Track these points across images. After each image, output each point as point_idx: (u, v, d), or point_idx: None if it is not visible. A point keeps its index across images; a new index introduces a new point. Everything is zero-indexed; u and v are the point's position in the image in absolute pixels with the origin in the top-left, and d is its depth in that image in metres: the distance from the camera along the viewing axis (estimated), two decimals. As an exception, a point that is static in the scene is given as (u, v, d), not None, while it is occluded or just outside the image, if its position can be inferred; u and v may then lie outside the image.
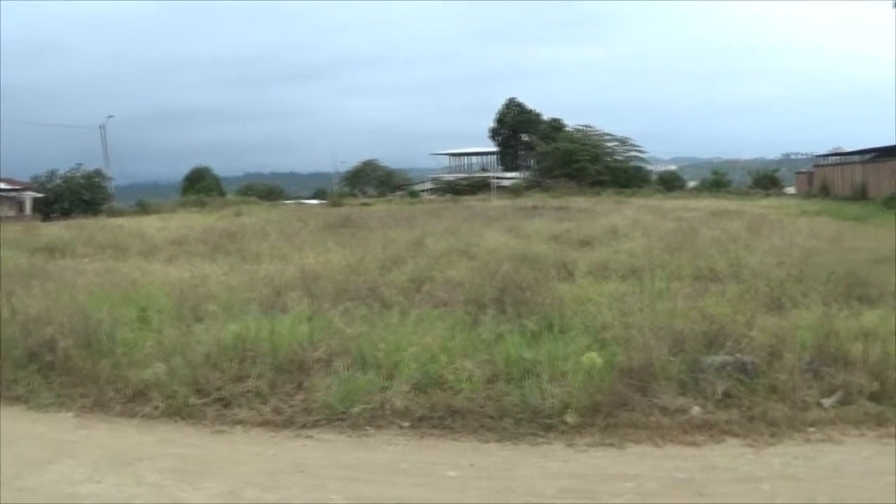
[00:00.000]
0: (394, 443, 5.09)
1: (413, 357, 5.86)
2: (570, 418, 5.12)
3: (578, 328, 6.65)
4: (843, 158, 49.78)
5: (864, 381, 5.42)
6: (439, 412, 5.30)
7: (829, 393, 5.45)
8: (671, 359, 5.65)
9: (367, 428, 5.26)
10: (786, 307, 7.64)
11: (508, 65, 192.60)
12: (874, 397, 5.32)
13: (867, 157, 45.47)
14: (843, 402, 5.33)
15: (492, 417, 5.23)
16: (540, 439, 5.01)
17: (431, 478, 4.54)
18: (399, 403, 5.38)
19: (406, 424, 5.28)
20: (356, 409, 5.36)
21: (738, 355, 5.79)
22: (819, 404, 5.34)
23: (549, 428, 5.09)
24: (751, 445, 4.85)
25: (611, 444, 4.90)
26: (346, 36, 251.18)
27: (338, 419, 5.37)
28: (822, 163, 54.84)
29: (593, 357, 5.68)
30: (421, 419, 5.28)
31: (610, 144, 64.24)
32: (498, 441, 5.02)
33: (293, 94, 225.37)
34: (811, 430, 5.03)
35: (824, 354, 5.83)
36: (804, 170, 59.87)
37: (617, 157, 63.26)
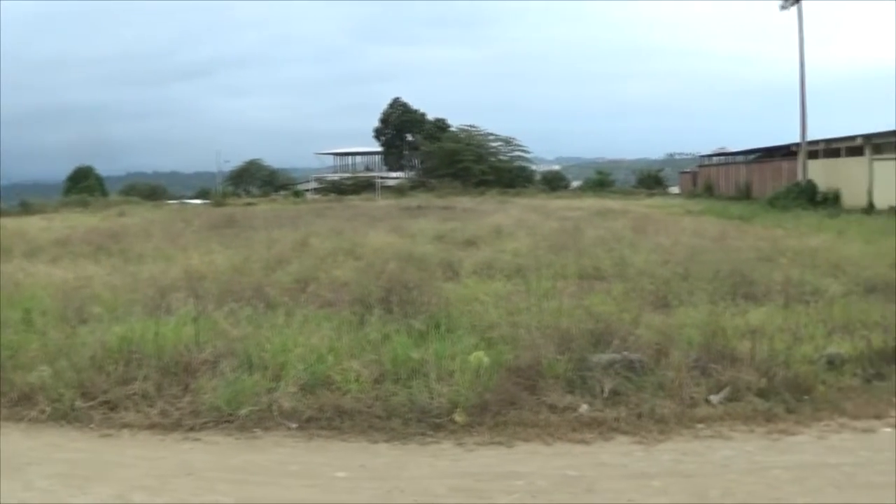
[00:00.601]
0: (282, 444, 7.71)
1: (300, 358, 8.84)
2: (458, 417, 7.98)
3: (465, 327, 10.40)
4: (727, 158, 79.10)
5: (752, 377, 8.67)
6: (327, 413, 8.11)
7: (717, 390, 8.57)
8: (558, 357, 8.84)
9: (256, 430, 7.95)
10: (672, 305, 12.15)
11: (393, 64, 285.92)
12: (762, 393, 8.54)
13: (751, 156, 70.01)
14: (732, 399, 8.46)
15: (380, 417, 8.06)
16: (429, 439, 7.77)
17: (321, 479, 6.94)
18: (287, 405, 8.18)
19: (294, 426, 7.98)
20: (244, 411, 8.09)
21: (626, 353, 9.02)
22: (707, 401, 8.42)
23: (438, 427, 7.92)
24: (640, 442, 7.67)
25: (500, 443, 7.66)
26: (229, 35, 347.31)
27: (225, 421, 8.03)
28: (706, 163, 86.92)
29: (481, 356, 8.82)
30: (309, 420, 8.04)
31: (494, 144, 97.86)
32: (387, 441, 7.74)
33: (176, 94, 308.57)
34: (700, 426, 8.01)
35: (711, 352, 9.13)
36: (688, 169, 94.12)
37: (501, 157, 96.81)
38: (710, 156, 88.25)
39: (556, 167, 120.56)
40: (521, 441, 7.75)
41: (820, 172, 52.69)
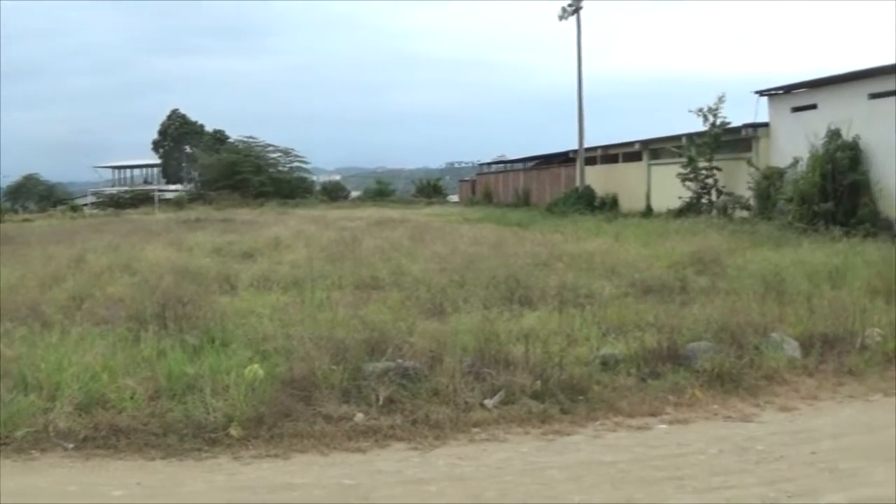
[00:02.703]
0: (59, 465, 7.68)
1: (74, 377, 8.81)
2: (234, 431, 8.17)
3: (241, 341, 10.64)
4: (507, 166, 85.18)
5: (526, 380, 9.16)
6: (103, 432, 8.13)
7: (492, 394, 9.01)
8: (333, 367, 9.16)
9: (32, 451, 7.91)
10: (448, 312, 12.70)
11: (174, 75, 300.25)
12: (536, 395, 9.05)
13: (530, 164, 74.18)
14: (506, 402, 8.92)
15: (156, 434, 8.14)
16: (205, 454, 7.92)
17: (98, 499, 6.97)
18: (62, 425, 8.17)
19: (70, 446, 7.97)
20: (20, 433, 8.06)
21: (400, 361, 9.42)
22: (482, 405, 8.86)
23: (214, 442, 8.08)
24: (416, 448, 8.04)
25: (276, 455, 7.89)
26: (5, 46, 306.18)
27: (2, 444, 7.94)
28: (485, 171, 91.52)
29: (255, 369, 9.08)
30: (86, 440, 8.04)
31: (273, 155, 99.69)
32: (163, 458, 7.83)
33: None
34: (475, 430, 8.44)
35: (486, 357, 9.60)
36: (468, 178, 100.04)
37: (281, 168, 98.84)
38: (489, 164, 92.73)
39: (337, 177, 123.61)
40: (298, 452, 8.00)
41: (598, 178, 55.34)
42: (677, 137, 43.13)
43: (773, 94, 37.83)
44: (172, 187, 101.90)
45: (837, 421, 9.19)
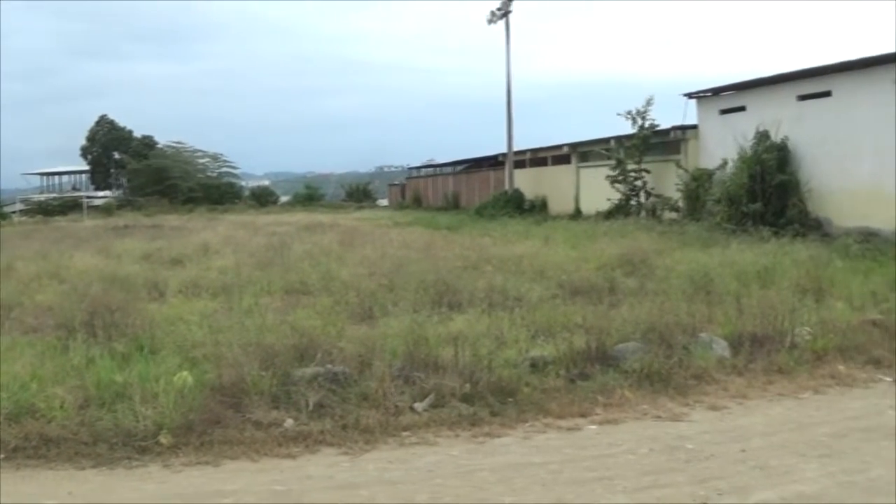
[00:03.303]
0: None
1: (3, 386, 8.79)
2: (164, 439, 8.15)
3: (170, 348, 10.77)
4: (436, 170, 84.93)
5: (456, 383, 9.25)
6: (33, 441, 8.09)
7: (422, 397, 9.09)
8: (263, 373, 9.20)
9: None
10: (377, 317, 12.87)
11: (103, 80, 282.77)
12: (466, 398, 9.15)
13: (459, 167, 75.16)
14: (436, 405, 9.01)
15: (86, 443, 8.09)
16: (136, 462, 7.92)
17: None
18: None
19: (1, 456, 7.92)
20: None
21: (330, 366, 9.49)
22: (412, 409, 8.93)
23: (144, 450, 8.07)
24: (346, 453, 8.11)
25: (207, 462, 7.91)
26: None
27: None
28: (414, 175, 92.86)
29: (185, 376, 9.08)
30: (15, 450, 8.00)
31: (202, 161, 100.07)
32: (94, 467, 7.82)
33: None
34: (405, 434, 8.51)
35: (415, 360, 9.68)
36: (397, 182, 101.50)
37: (210, 174, 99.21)
38: (418, 168, 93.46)
39: (266, 182, 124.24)
40: (228, 459, 8.03)
41: (527, 181, 55.82)
42: (606, 140, 43.52)
43: (701, 96, 38.31)
44: (101, 194, 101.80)
45: (767, 419, 9.39)
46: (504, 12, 57.18)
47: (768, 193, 29.66)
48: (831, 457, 8.08)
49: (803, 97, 31.37)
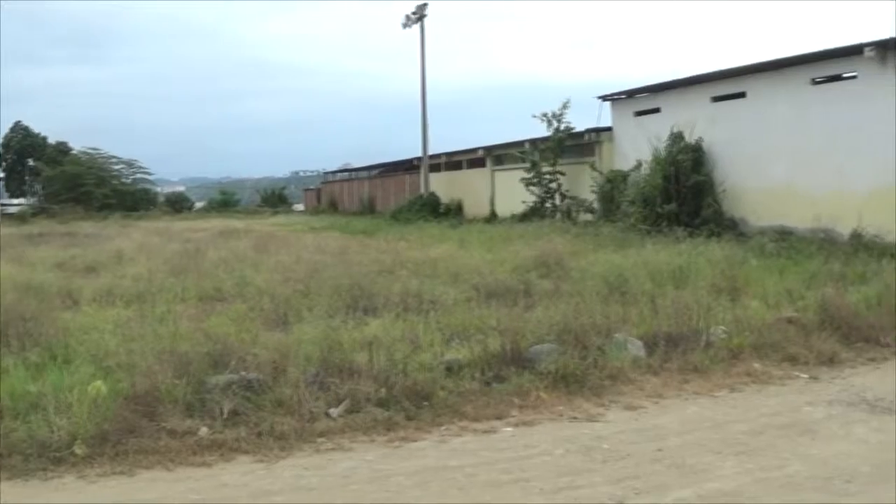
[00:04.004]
0: None
1: None
2: (79, 449, 8.06)
3: (83, 357, 10.59)
4: (352, 174, 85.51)
5: (371, 388, 9.30)
6: None
7: (337, 403, 9.10)
8: (176, 382, 9.12)
9: None
10: (291, 322, 12.80)
11: (17, 86, 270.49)
12: (381, 403, 9.19)
13: (374, 172, 76.50)
14: (351, 411, 9.03)
15: (1, 455, 7.96)
16: (51, 473, 7.83)
17: None
18: None
19: None
20: None
21: (244, 373, 9.45)
22: (327, 414, 8.94)
23: (59, 461, 7.97)
24: (261, 461, 8.10)
25: (122, 472, 7.85)
26: None
27: None
28: (330, 179, 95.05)
29: (99, 386, 8.95)
30: None
31: (117, 167, 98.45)
32: (9, 479, 7.70)
33: None
34: (321, 440, 8.53)
35: (330, 366, 9.69)
36: (313, 186, 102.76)
37: (124, 180, 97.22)
38: (334, 172, 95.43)
39: (181, 188, 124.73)
40: (143, 469, 8.00)
41: (443, 184, 56.42)
42: (521, 143, 43.92)
43: (615, 98, 38.81)
44: (16, 201, 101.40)
45: (683, 417, 9.55)
46: (419, 16, 57.66)
47: (683, 194, 30.14)
48: (748, 454, 8.24)
49: (718, 98, 31.94)
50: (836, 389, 10.69)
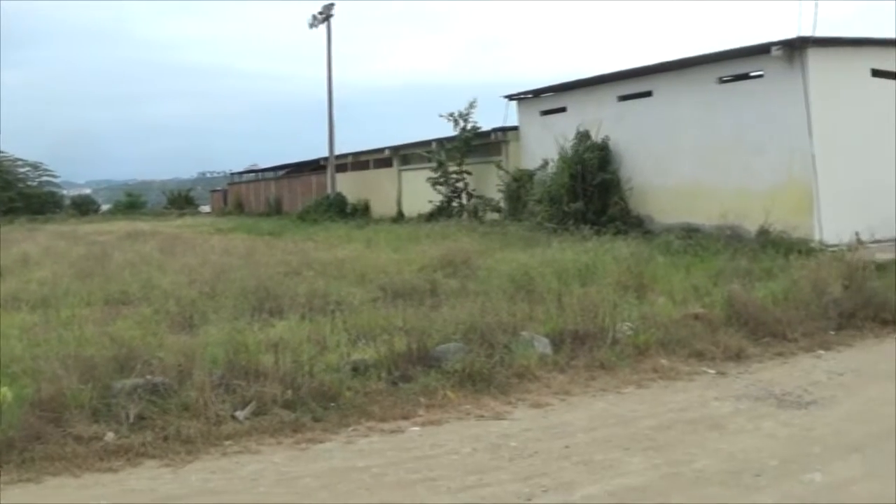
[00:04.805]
0: None
1: None
2: None
3: None
4: (258, 175, 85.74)
5: (277, 390, 9.31)
6: None
7: (243, 405, 9.11)
8: (82, 387, 9.06)
9: None
10: (197, 325, 12.77)
11: None
12: (288, 405, 9.22)
13: (281, 172, 76.08)
14: (258, 413, 9.05)
15: None
16: None
17: None
18: None
19: None
20: None
21: (149, 377, 9.40)
22: (234, 417, 8.94)
23: None
24: (168, 465, 8.09)
25: (29, 480, 7.78)
26: None
27: None
28: (236, 180, 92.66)
29: (3, 392, 8.91)
30: None
31: (23, 170, 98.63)
32: None
33: None
34: (228, 443, 8.54)
35: (236, 368, 9.67)
36: (219, 188, 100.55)
37: (30, 183, 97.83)
38: (240, 173, 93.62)
39: (88, 191, 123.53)
40: (50, 476, 7.95)
41: (350, 185, 56.29)
42: (428, 143, 43.97)
43: (522, 98, 38.97)
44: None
45: (590, 414, 9.70)
46: (325, 16, 57.49)
47: (590, 192, 30.38)
48: (655, 449, 8.40)
49: (624, 97, 32.26)
50: (743, 384, 10.95)
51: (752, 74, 27.73)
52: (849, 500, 7.15)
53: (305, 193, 63.78)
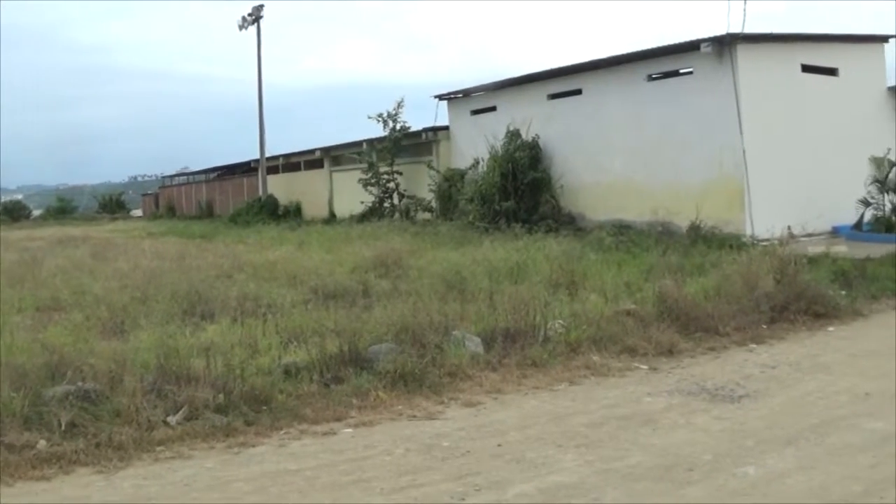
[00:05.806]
0: None
1: None
2: None
3: None
4: (190, 178, 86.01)
5: (209, 394, 9.27)
6: None
7: (175, 410, 9.04)
8: (13, 395, 8.97)
9: None
10: (128, 330, 12.72)
11: None
12: (220, 409, 9.18)
13: (212, 175, 76.24)
14: (190, 418, 8.98)
15: None
16: None
17: None
18: None
19: None
20: None
21: (81, 384, 9.32)
22: (166, 422, 8.88)
23: None
24: (101, 472, 8.02)
25: None
26: None
27: None
28: (168, 183, 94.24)
29: None
30: None
31: None
32: None
33: None
34: (160, 448, 8.49)
35: (167, 373, 9.61)
36: (151, 192, 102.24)
37: None
38: (172, 176, 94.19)
39: (19, 196, 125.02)
40: None
41: (281, 186, 56.30)
42: (358, 143, 44.07)
43: (452, 97, 39.12)
44: None
45: (523, 412, 9.76)
46: (255, 17, 57.44)
47: (521, 191, 30.63)
48: (588, 446, 8.47)
49: (554, 96, 32.55)
50: (675, 379, 11.08)
51: (682, 71, 28.13)
52: (782, 493, 7.22)
53: (237, 196, 63.69)
